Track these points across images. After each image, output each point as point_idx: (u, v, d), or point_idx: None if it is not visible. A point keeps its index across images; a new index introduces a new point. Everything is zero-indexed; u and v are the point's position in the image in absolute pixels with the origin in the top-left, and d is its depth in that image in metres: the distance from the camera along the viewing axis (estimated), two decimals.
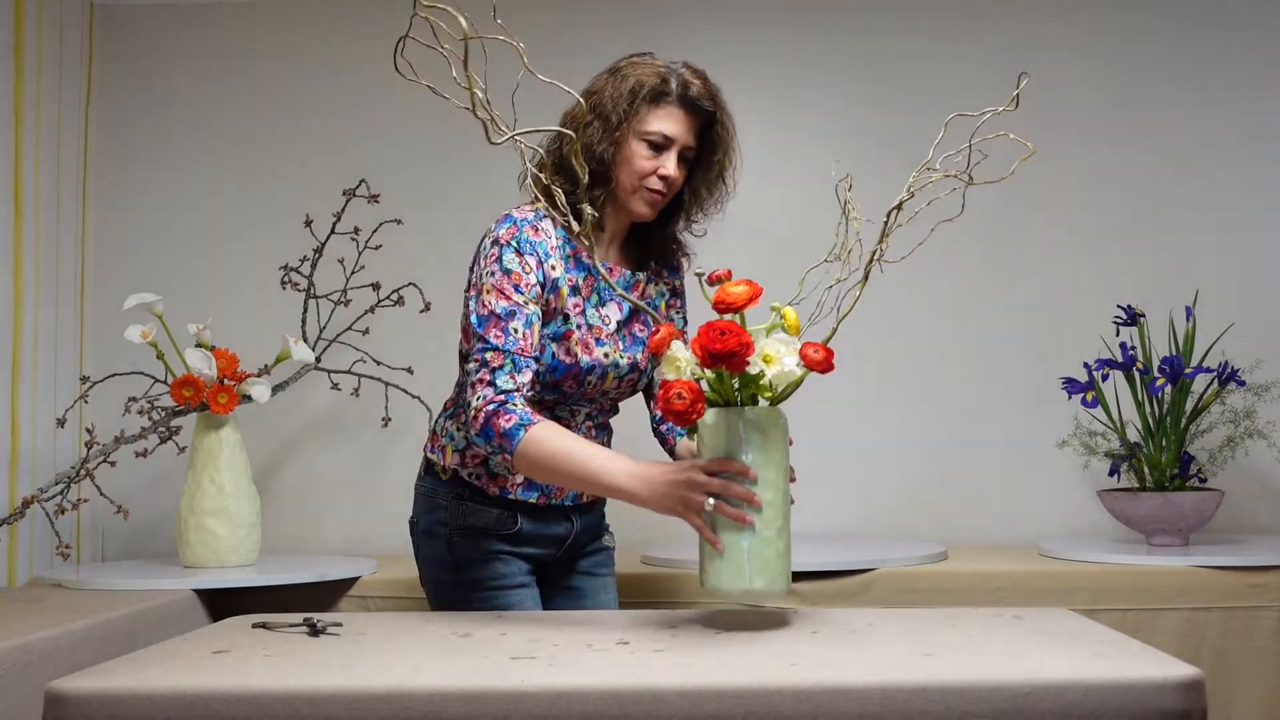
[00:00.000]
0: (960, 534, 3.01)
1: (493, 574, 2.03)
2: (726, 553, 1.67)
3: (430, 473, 2.08)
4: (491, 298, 1.88)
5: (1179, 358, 2.70)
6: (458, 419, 2.04)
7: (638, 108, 1.96)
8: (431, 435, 2.11)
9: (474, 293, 1.93)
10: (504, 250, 1.91)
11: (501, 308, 1.87)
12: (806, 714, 1.42)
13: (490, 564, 2.02)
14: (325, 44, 3.23)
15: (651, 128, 1.96)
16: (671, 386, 1.65)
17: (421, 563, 2.13)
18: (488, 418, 1.80)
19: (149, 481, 3.02)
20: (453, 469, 2.03)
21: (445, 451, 2.04)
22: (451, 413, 2.07)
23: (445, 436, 2.06)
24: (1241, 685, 2.44)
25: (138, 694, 1.46)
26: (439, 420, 2.11)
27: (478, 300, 1.90)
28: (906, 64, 3.18)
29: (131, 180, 3.22)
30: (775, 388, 1.69)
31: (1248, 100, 3.12)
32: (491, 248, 1.92)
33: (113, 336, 2.89)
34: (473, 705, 1.43)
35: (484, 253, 1.94)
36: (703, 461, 1.70)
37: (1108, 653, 1.58)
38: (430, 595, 2.13)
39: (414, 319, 2.94)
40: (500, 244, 1.92)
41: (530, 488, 2.02)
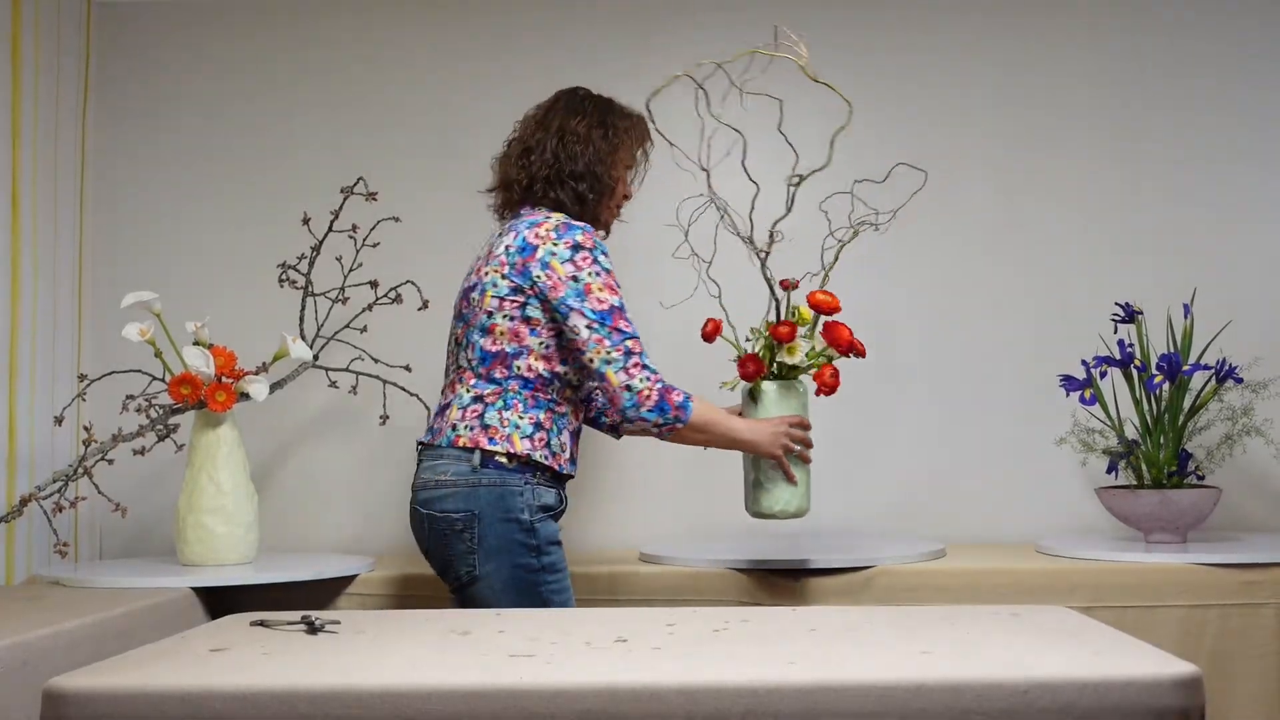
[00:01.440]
0: (958, 532, 3.01)
1: (560, 562, 2.25)
2: (786, 483, 2.34)
3: (491, 464, 2.20)
4: (606, 293, 2.20)
5: (1177, 355, 2.70)
6: (513, 412, 2.22)
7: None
8: (485, 429, 2.21)
9: (571, 292, 2.18)
10: (595, 252, 2.22)
11: (616, 300, 2.21)
12: (805, 712, 1.42)
13: (559, 545, 2.25)
14: (324, 42, 3.23)
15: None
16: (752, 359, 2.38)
17: (488, 554, 2.18)
18: (661, 394, 2.19)
19: (147, 479, 3.02)
20: (524, 454, 2.19)
21: (513, 440, 2.20)
22: (501, 405, 2.22)
23: (508, 426, 2.21)
24: (1239, 682, 2.44)
25: (136, 692, 1.46)
26: (489, 414, 2.22)
27: (590, 297, 2.19)
28: (905, 64, 3.18)
29: (129, 177, 3.22)
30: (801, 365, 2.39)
31: (1246, 99, 3.12)
32: (580, 252, 2.20)
33: (110, 334, 2.89)
34: (471, 703, 1.43)
35: (566, 256, 2.20)
36: (792, 418, 2.34)
37: (1105, 650, 1.58)
38: (499, 585, 2.18)
39: (412, 317, 2.94)
40: (587, 247, 2.21)
41: (573, 462, 2.29)
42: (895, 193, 2.61)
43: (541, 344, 2.22)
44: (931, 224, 3.03)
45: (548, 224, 2.24)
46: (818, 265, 2.53)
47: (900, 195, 2.60)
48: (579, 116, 2.36)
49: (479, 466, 2.19)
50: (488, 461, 2.19)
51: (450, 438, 2.23)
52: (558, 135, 2.33)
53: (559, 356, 2.23)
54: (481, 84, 3.21)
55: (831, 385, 2.37)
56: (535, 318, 2.22)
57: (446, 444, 2.24)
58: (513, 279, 2.21)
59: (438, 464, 2.23)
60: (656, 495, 3.08)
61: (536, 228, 2.24)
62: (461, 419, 2.23)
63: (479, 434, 2.21)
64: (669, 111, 2.49)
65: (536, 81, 3.20)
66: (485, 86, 3.21)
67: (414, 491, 2.28)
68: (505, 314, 2.22)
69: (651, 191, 2.57)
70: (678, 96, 2.49)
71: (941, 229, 3.07)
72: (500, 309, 2.22)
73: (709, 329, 2.45)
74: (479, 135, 3.20)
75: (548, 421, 2.23)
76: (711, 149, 2.54)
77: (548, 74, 3.21)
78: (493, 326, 2.23)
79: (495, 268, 2.24)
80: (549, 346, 2.23)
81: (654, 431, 2.23)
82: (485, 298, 2.24)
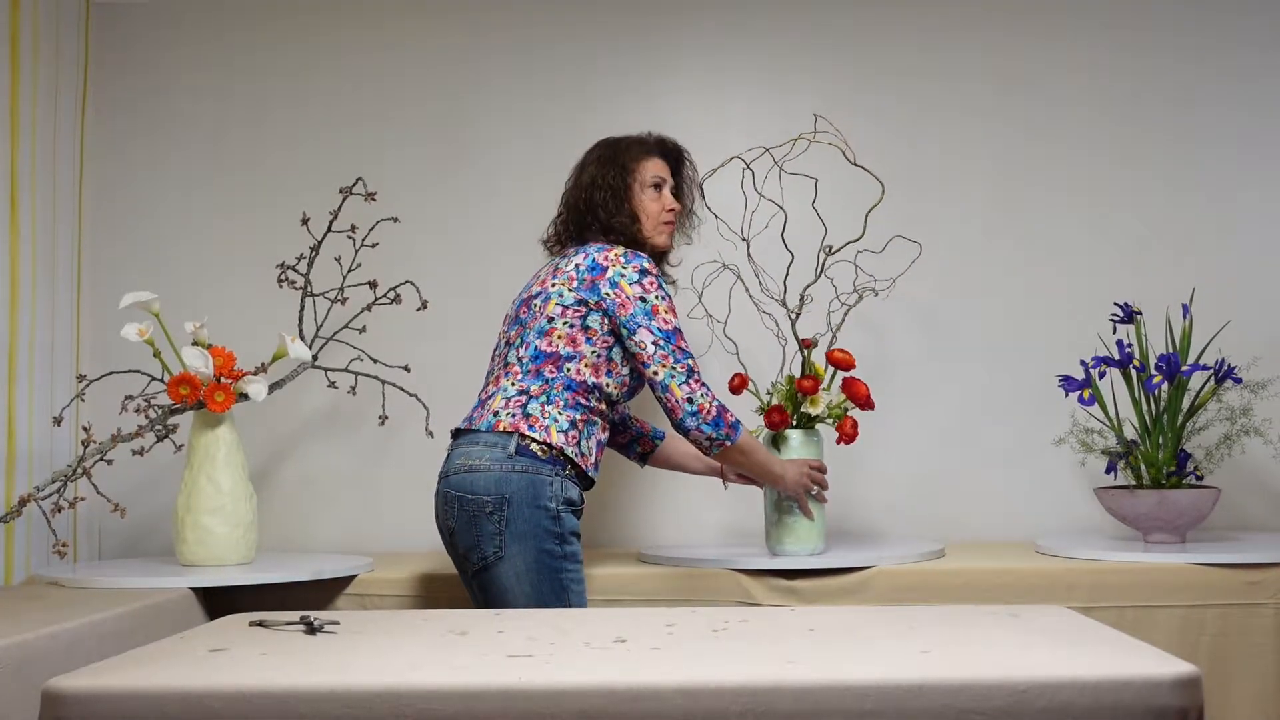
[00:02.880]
0: (957, 532, 3.01)
1: (579, 552, 2.35)
2: (812, 524, 2.59)
3: (525, 452, 2.31)
4: (669, 316, 2.39)
5: (1176, 355, 2.70)
6: (555, 408, 2.35)
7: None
8: (527, 418, 2.33)
9: (641, 310, 2.37)
10: (659, 279, 2.43)
11: (677, 324, 2.41)
12: (804, 712, 1.42)
13: (579, 538, 2.36)
14: (322, 42, 3.23)
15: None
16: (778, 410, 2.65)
17: (514, 537, 2.28)
18: (719, 411, 2.38)
19: (146, 480, 3.02)
20: (559, 446, 2.32)
21: (550, 431, 2.33)
22: (545, 399, 2.36)
23: (548, 419, 2.34)
24: (1238, 682, 2.44)
25: (135, 692, 1.46)
26: (532, 405, 2.35)
27: (658, 317, 2.37)
28: (902, 60, 3.18)
29: (127, 178, 3.21)
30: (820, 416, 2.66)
31: (1246, 99, 3.12)
32: (647, 277, 2.40)
33: (109, 335, 2.89)
34: (470, 703, 1.43)
35: (633, 279, 2.38)
36: (815, 461, 2.60)
37: (1104, 650, 1.58)
38: (522, 567, 2.28)
39: (411, 317, 2.94)
40: (653, 274, 2.41)
41: (596, 468, 2.41)
42: (892, 250, 2.61)
43: (594, 352, 2.39)
44: (931, 224, 3.03)
45: (616, 250, 2.43)
46: (824, 325, 2.82)
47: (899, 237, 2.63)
48: (588, 165, 2.56)
49: (514, 454, 2.31)
50: (523, 450, 2.31)
51: (491, 422, 2.35)
52: (578, 188, 2.54)
53: (605, 368, 2.40)
54: (480, 84, 3.21)
55: (851, 435, 2.64)
56: (594, 328, 2.38)
57: (486, 428, 2.35)
58: (580, 292, 2.39)
59: (473, 449, 2.34)
60: (656, 496, 3.08)
61: (606, 251, 2.42)
62: (505, 406, 2.36)
63: (520, 420, 2.33)
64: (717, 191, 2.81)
65: (536, 82, 3.22)
66: (484, 87, 3.21)
67: (444, 475, 2.36)
68: (566, 320, 2.39)
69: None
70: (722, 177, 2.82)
71: (940, 230, 3.07)
72: (562, 315, 2.39)
73: (735, 383, 2.70)
74: (478, 135, 3.21)
75: (581, 424, 2.37)
76: (752, 221, 2.86)
77: (548, 74, 3.22)
78: (551, 330, 2.39)
79: (564, 281, 2.41)
80: (600, 356, 2.39)
81: (705, 444, 2.38)
82: (549, 304, 2.40)
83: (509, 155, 3.17)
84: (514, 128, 3.19)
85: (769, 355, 2.87)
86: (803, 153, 2.81)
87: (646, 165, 2.55)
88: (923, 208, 3.09)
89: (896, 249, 2.86)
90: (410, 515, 3.09)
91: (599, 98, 3.18)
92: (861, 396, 2.62)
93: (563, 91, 3.20)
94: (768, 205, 2.85)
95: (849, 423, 2.64)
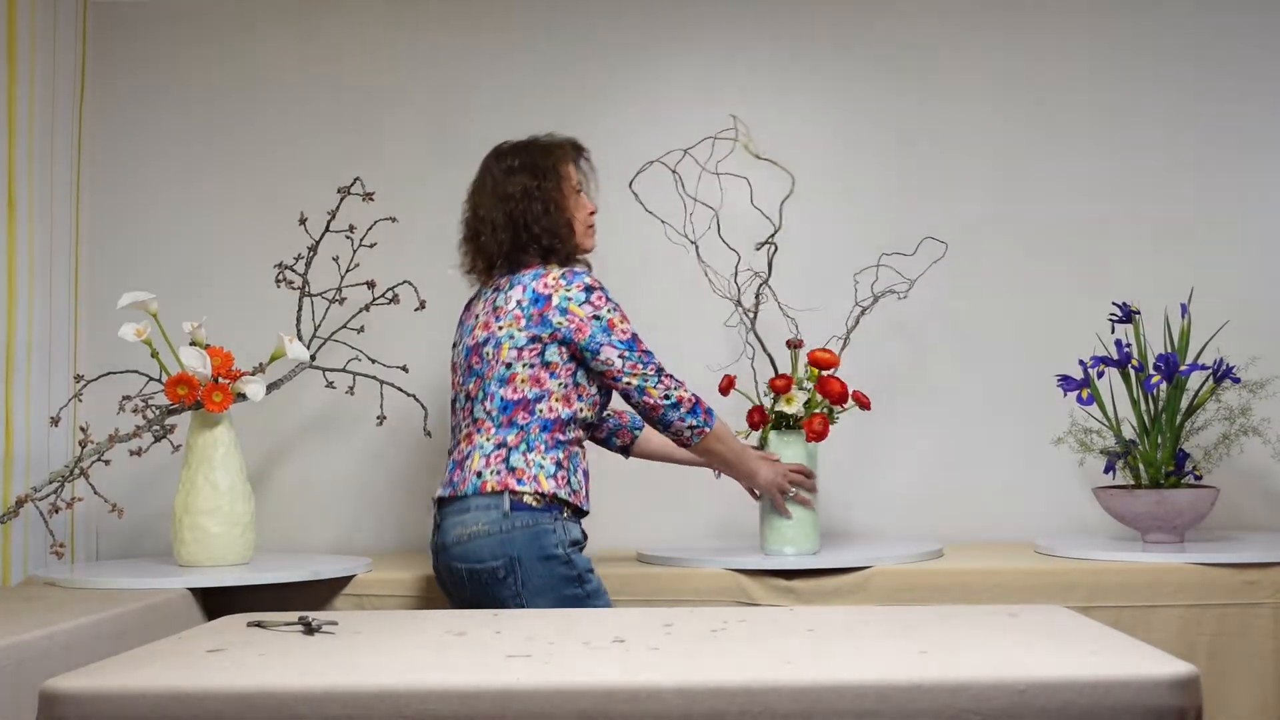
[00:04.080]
0: (956, 532, 3.01)
1: (600, 581, 2.34)
2: (798, 525, 2.60)
3: (521, 508, 2.27)
4: (624, 324, 2.36)
5: (1174, 355, 2.70)
6: (536, 454, 2.31)
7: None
8: (512, 471, 2.29)
9: (598, 328, 2.32)
10: (605, 290, 2.37)
11: (633, 328, 2.38)
12: (802, 712, 1.42)
13: (594, 571, 2.34)
14: (320, 41, 3.23)
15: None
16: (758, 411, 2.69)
17: (533, 594, 2.25)
18: (696, 399, 2.39)
19: (143, 480, 3.02)
20: (551, 492, 2.29)
21: (539, 479, 2.29)
22: (524, 448, 2.31)
23: (534, 467, 2.30)
24: (1236, 682, 2.44)
25: (132, 693, 1.46)
26: (514, 457, 2.30)
27: (615, 330, 2.34)
28: (900, 59, 3.18)
29: (125, 177, 3.21)
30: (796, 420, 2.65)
31: (1243, 98, 3.12)
32: (593, 293, 2.35)
33: (107, 335, 2.88)
34: (468, 704, 1.43)
35: (582, 299, 2.33)
36: (796, 465, 2.61)
37: (1103, 650, 1.58)
38: None
39: (409, 317, 2.93)
40: (597, 287, 2.36)
41: (588, 496, 2.39)
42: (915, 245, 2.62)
43: (561, 385, 2.34)
44: (928, 225, 3.03)
45: (552, 274, 2.36)
46: (843, 328, 2.84)
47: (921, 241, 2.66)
48: (509, 175, 2.45)
49: (509, 511, 2.27)
50: (517, 505, 2.27)
51: (476, 485, 2.29)
52: (501, 202, 2.43)
53: (575, 394, 2.36)
54: (479, 84, 3.21)
55: (819, 432, 2.61)
56: (554, 361, 2.33)
57: (473, 491, 2.29)
58: (530, 329, 2.32)
59: (465, 517, 2.29)
60: (654, 496, 3.07)
61: (543, 278, 2.35)
62: (486, 465, 2.30)
63: (507, 477, 2.29)
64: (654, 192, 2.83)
65: (534, 82, 3.21)
66: (482, 87, 3.21)
67: (441, 549, 2.33)
68: (525, 362, 2.33)
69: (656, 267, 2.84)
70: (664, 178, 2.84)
71: (938, 230, 3.07)
72: (519, 358, 2.33)
73: (724, 384, 2.71)
74: (476, 135, 3.20)
75: (565, 461, 2.34)
76: (695, 225, 2.88)
77: (545, 73, 3.22)
78: (513, 376, 2.33)
79: (510, 322, 2.34)
80: (567, 386, 2.34)
81: (686, 435, 2.39)
82: (502, 350, 2.34)
83: None
84: (512, 127, 3.16)
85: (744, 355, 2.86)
86: (730, 155, 2.85)
87: (571, 170, 2.49)
88: (920, 208, 3.09)
89: (904, 250, 2.85)
90: (408, 516, 3.09)
91: (596, 97, 3.18)
92: (835, 393, 2.61)
93: (560, 90, 3.19)
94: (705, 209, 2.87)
95: (817, 420, 2.61)
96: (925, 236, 2.88)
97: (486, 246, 2.44)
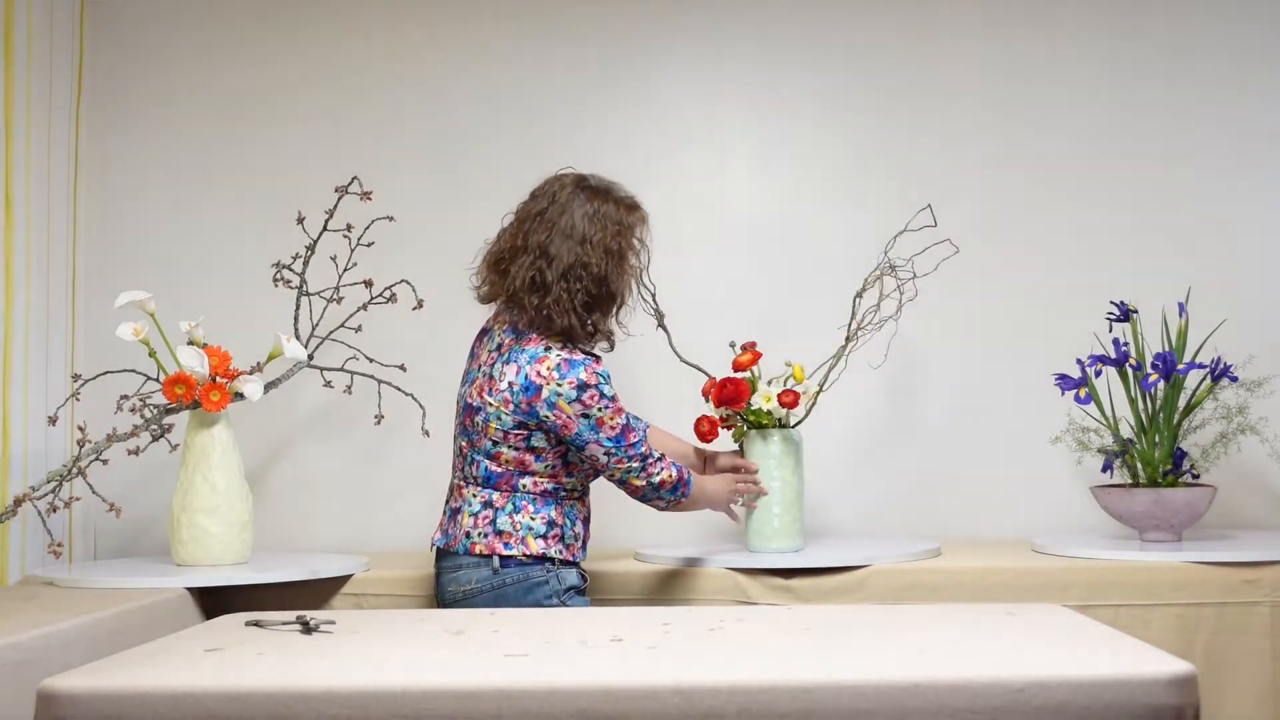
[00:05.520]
0: (954, 530, 3.01)
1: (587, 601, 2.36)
2: (777, 521, 2.61)
3: (511, 564, 2.27)
4: (615, 417, 2.27)
5: (1172, 354, 2.70)
6: (524, 515, 2.30)
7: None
8: (499, 535, 2.28)
9: (585, 428, 2.24)
10: (599, 387, 2.25)
11: (623, 419, 2.29)
12: (800, 711, 1.42)
13: (586, 597, 2.37)
14: (318, 41, 3.22)
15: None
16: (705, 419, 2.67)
17: None
18: (678, 475, 2.35)
19: (141, 479, 3.01)
20: (540, 553, 2.28)
21: (528, 541, 2.28)
22: (510, 509, 2.29)
23: (521, 529, 2.29)
24: (1234, 681, 2.44)
25: (130, 692, 1.46)
26: (500, 519, 2.29)
27: (604, 428, 2.25)
28: (897, 57, 3.18)
29: (123, 176, 3.21)
30: (774, 417, 2.64)
31: (1240, 97, 3.12)
32: (586, 391, 2.23)
33: (104, 334, 2.88)
34: (466, 703, 1.43)
35: (571, 398, 2.23)
36: (740, 464, 2.57)
37: (1101, 649, 1.58)
38: None
39: (407, 316, 2.93)
40: (592, 385, 2.24)
41: (584, 548, 2.38)
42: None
43: (547, 467, 2.30)
44: (928, 224, 3.03)
45: (549, 360, 2.24)
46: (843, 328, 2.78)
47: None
48: (592, 220, 2.27)
49: (499, 569, 2.28)
50: (507, 562, 2.28)
51: (466, 545, 2.30)
52: (575, 243, 2.26)
53: (564, 472, 2.32)
54: (477, 84, 3.21)
55: (790, 403, 2.61)
56: (540, 447, 2.28)
57: (464, 551, 2.30)
58: (517, 415, 2.25)
59: (459, 574, 2.31)
60: None
61: (538, 364, 2.24)
62: (474, 526, 2.30)
63: (494, 540, 2.28)
64: None
65: (532, 80, 3.21)
66: (481, 87, 3.21)
67: (441, 603, 2.34)
68: (510, 445, 2.28)
69: None
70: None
71: (936, 229, 3.07)
72: (505, 440, 2.27)
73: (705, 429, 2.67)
74: (474, 135, 3.21)
75: (560, 517, 2.32)
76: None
77: (543, 72, 3.22)
78: (498, 454, 2.29)
79: (499, 402, 2.26)
80: (554, 467, 2.31)
81: (662, 506, 2.39)
82: (490, 427, 2.28)
83: (505, 153, 3.16)
84: (510, 126, 3.19)
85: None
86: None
87: (641, 234, 2.35)
88: (914, 205, 3.09)
89: (901, 247, 2.85)
90: (406, 515, 3.08)
91: (594, 97, 3.18)
92: (727, 397, 2.59)
93: (558, 89, 3.19)
94: None
95: (704, 421, 2.63)
96: (933, 242, 2.86)
97: (527, 272, 2.27)
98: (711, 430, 2.65)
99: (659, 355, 2.72)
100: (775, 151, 3.18)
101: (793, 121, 3.19)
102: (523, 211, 2.35)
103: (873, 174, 3.16)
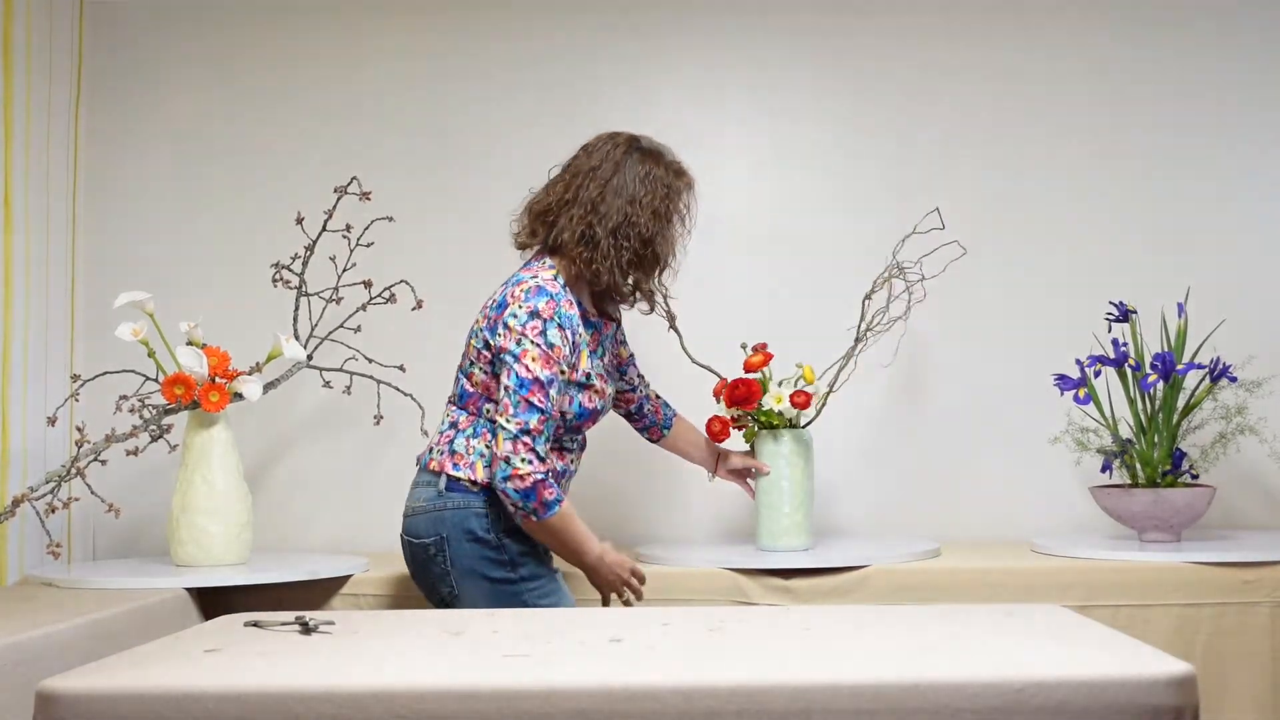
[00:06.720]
0: (953, 530, 3.01)
1: (541, 569, 2.29)
2: (788, 518, 2.63)
3: (456, 488, 2.24)
4: (537, 365, 2.15)
5: (1171, 354, 2.70)
6: (480, 441, 2.25)
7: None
8: (452, 455, 2.26)
9: (510, 352, 2.17)
10: (547, 325, 2.18)
11: (545, 375, 2.16)
12: (800, 711, 1.42)
13: (538, 560, 2.29)
14: (318, 41, 3.22)
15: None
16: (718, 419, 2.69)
17: (461, 574, 2.24)
18: (535, 485, 2.14)
19: (140, 480, 3.01)
20: (484, 481, 2.23)
21: (475, 467, 2.24)
22: (470, 433, 2.26)
23: (473, 454, 2.25)
24: (1234, 681, 2.44)
25: (129, 693, 1.46)
26: (458, 440, 2.28)
27: (518, 363, 2.15)
28: (898, 57, 3.18)
29: (122, 177, 3.21)
30: (785, 417, 2.66)
31: (1239, 97, 3.12)
32: (532, 319, 2.17)
33: (103, 334, 2.88)
34: (465, 703, 1.43)
35: (521, 321, 2.18)
36: (637, 569, 2.32)
37: (1100, 649, 1.58)
38: (481, 601, 2.22)
39: (406, 316, 2.93)
40: (542, 318, 2.18)
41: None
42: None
43: None
44: (929, 222, 3.03)
45: (526, 283, 2.22)
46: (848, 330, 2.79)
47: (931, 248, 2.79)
48: (644, 181, 2.27)
49: (444, 491, 2.26)
50: (453, 486, 2.25)
51: (426, 459, 2.32)
52: (625, 202, 2.25)
53: None
54: (476, 84, 3.21)
55: (802, 404, 2.63)
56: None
57: (423, 465, 2.33)
58: (486, 333, 2.25)
59: (415, 490, 2.32)
60: (653, 495, 3.07)
61: (516, 287, 2.23)
62: (437, 442, 2.32)
63: (445, 459, 2.27)
64: None
65: (530, 79, 3.21)
66: (480, 86, 3.21)
67: (404, 518, 2.35)
68: (480, 366, 2.27)
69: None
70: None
71: (934, 228, 3.07)
72: (478, 360, 2.27)
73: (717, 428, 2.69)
74: (473, 134, 3.21)
75: None
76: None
77: (542, 72, 3.21)
78: (471, 374, 2.30)
79: (483, 318, 2.28)
80: None
81: (511, 509, 2.18)
82: (469, 346, 2.31)
83: (504, 153, 3.16)
84: (509, 125, 3.19)
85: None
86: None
87: (686, 200, 2.33)
88: (916, 206, 3.09)
89: (907, 248, 2.86)
90: None
91: (593, 96, 3.18)
92: (738, 397, 2.62)
93: (556, 88, 3.19)
94: None
95: (715, 421, 2.66)
96: (941, 244, 2.86)
97: (560, 235, 2.26)
98: (723, 430, 2.67)
99: (671, 357, 2.72)
100: (784, 154, 3.19)
101: (801, 124, 3.19)
102: (574, 166, 2.34)
103: (882, 177, 3.16)
